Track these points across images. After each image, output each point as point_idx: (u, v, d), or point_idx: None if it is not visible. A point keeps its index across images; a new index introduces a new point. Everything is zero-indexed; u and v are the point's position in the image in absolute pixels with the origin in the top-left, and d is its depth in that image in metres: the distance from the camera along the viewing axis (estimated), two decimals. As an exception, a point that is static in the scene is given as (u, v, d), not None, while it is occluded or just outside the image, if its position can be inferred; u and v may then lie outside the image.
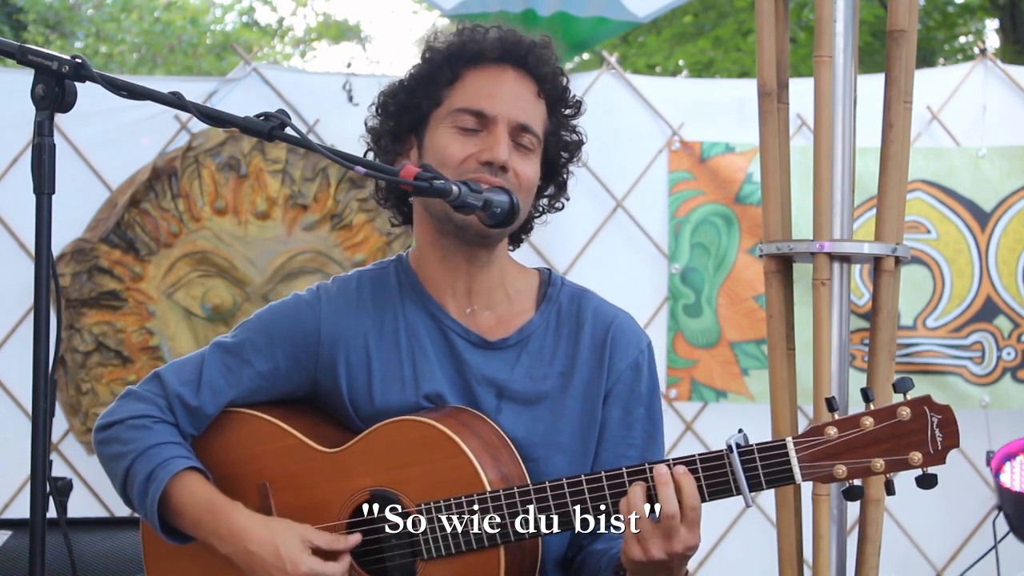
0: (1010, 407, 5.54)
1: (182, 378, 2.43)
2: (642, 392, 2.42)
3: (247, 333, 2.45)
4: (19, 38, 13.64)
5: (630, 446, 2.39)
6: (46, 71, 1.97)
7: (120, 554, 3.71)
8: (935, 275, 5.58)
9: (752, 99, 2.89)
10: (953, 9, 13.33)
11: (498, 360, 2.39)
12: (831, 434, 2.06)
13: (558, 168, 2.46)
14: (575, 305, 2.44)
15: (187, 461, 2.36)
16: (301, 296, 2.45)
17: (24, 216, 5.00)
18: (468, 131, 2.34)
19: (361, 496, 2.30)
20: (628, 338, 2.42)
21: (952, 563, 5.52)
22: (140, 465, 2.35)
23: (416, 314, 2.41)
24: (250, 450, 2.40)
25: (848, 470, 2.06)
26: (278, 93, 5.53)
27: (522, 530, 2.21)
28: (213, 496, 2.34)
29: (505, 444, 2.32)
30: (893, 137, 2.79)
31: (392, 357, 2.39)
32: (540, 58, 2.38)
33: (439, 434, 2.25)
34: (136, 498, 2.37)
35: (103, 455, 2.43)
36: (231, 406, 2.43)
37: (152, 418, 2.40)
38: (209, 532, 2.32)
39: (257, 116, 2.12)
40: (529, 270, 2.51)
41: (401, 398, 2.36)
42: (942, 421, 2.05)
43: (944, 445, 2.05)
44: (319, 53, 19.56)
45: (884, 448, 2.05)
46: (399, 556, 2.28)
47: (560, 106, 2.42)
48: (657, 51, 13.02)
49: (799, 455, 2.08)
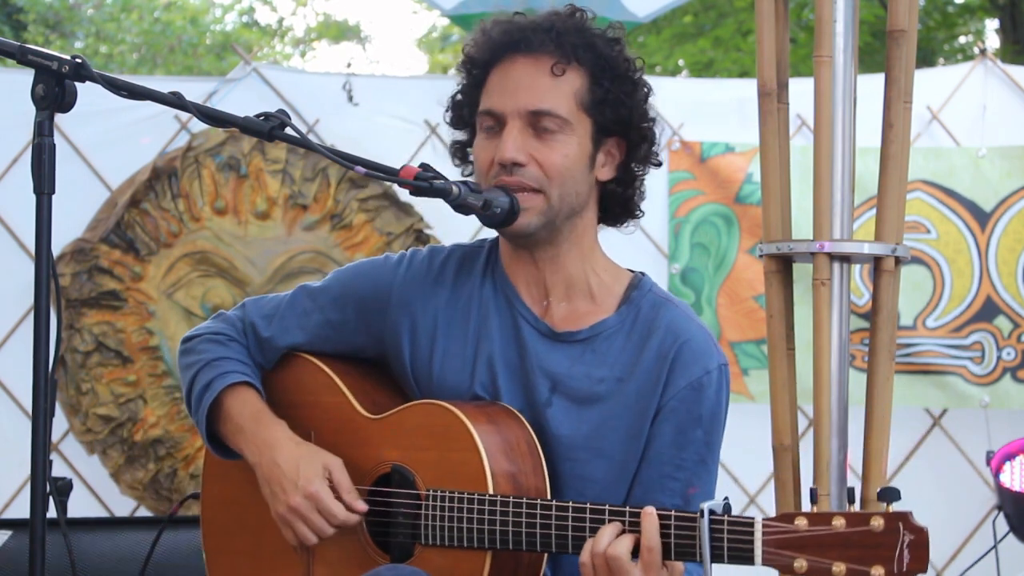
0: (1010, 407, 5.53)
1: (262, 311, 2.52)
2: (702, 415, 2.34)
3: (331, 282, 2.51)
4: (19, 38, 13.63)
5: (678, 467, 2.33)
6: (46, 71, 1.98)
7: (120, 554, 3.70)
8: (935, 275, 5.58)
9: (752, 99, 2.89)
10: (953, 9, 13.33)
11: (561, 353, 2.36)
12: (800, 525, 1.98)
13: (633, 127, 2.37)
14: (653, 313, 2.38)
15: (247, 376, 2.44)
16: (391, 257, 2.49)
17: (24, 216, 5.00)
18: (490, 133, 2.34)
19: (384, 467, 2.34)
20: (695, 356, 2.34)
21: (952, 563, 5.52)
22: (204, 374, 2.45)
23: (492, 295, 2.41)
24: (305, 397, 2.48)
25: (808, 566, 1.97)
26: (278, 93, 5.53)
27: (508, 541, 2.20)
28: (263, 410, 2.42)
29: (533, 453, 2.30)
30: (893, 137, 2.78)
31: (458, 334, 2.40)
32: (548, 34, 2.31)
33: (461, 426, 2.26)
34: (194, 403, 2.46)
35: (180, 365, 2.54)
36: (300, 349, 2.50)
37: (227, 336, 2.50)
38: (247, 439, 2.38)
39: (257, 116, 2.13)
40: (622, 270, 2.47)
41: (459, 376, 2.38)
42: (914, 542, 1.93)
43: (910, 568, 1.93)
44: (319, 53, 19.58)
45: (849, 554, 1.95)
46: (402, 535, 2.30)
47: (603, 69, 2.33)
48: (657, 51, 13.01)
49: (764, 538, 2.01)
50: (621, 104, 2.34)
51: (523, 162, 2.28)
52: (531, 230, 2.32)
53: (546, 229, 2.33)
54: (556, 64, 2.30)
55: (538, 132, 2.29)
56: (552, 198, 2.31)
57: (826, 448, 2.66)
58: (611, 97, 2.33)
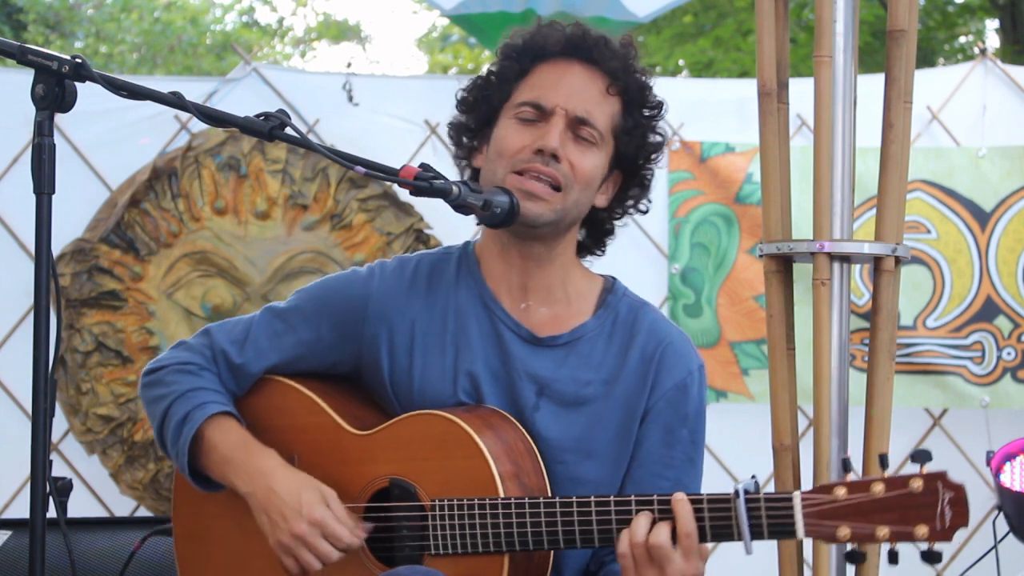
0: (1010, 407, 5.53)
1: (230, 336, 2.47)
2: (688, 414, 2.40)
3: (299, 300, 2.48)
4: (19, 38, 13.64)
5: (667, 466, 2.38)
6: (46, 71, 1.98)
7: (120, 554, 3.70)
8: (935, 275, 5.58)
9: (752, 99, 2.89)
10: (953, 9, 13.33)
11: (545, 357, 2.38)
12: (840, 495, 2.03)
13: (637, 168, 2.45)
14: (632, 316, 2.42)
15: (225, 406, 2.40)
16: (359, 271, 2.47)
17: (24, 216, 5.00)
18: (527, 122, 2.35)
19: (381, 483, 2.32)
20: (679, 358, 2.40)
21: (952, 563, 5.52)
22: (178, 406, 2.40)
23: (469, 302, 2.41)
24: (285, 420, 2.43)
25: (852, 533, 2.02)
26: (278, 93, 5.53)
27: (527, 541, 2.21)
28: (248, 438, 2.38)
29: (531, 452, 2.32)
30: (893, 137, 2.78)
31: (436, 343, 2.39)
32: (610, 53, 2.38)
33: (462, 432, 2.26)
34: (170, 437, 2.40)
35: (146, 398, 2.48)
36: (274, 371, 2.46)
37: (197, 365, 2.44)
38: (237, 469, 2.34)
39: (257, 116, 2.13)
40: (594, 275, 2.50)
41: (440, 385, 2.37)
42: (954, 499, 2.01)
43: (952, 523, 2.01)
44: (319, 53, 19.57)
45: (891, 517, 2.01)
46: (408, 547, 2.28)
47: (637, 105, 2.41)
48: (657, 51, 13.02)
49: (805, 511, 2.05)
50: (642, 139, 2.42)
51: (562, 157, 2.31)
52: (540, 222, 2.34)
53: (551, 227, 2.36)
54: (611, 85, 2.38)
55: (576, 138, 2.35)
56: (569, 200, 2.35)
57: (826, 448, 2.67)
58: (636, 131, 2.40)
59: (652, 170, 2.47)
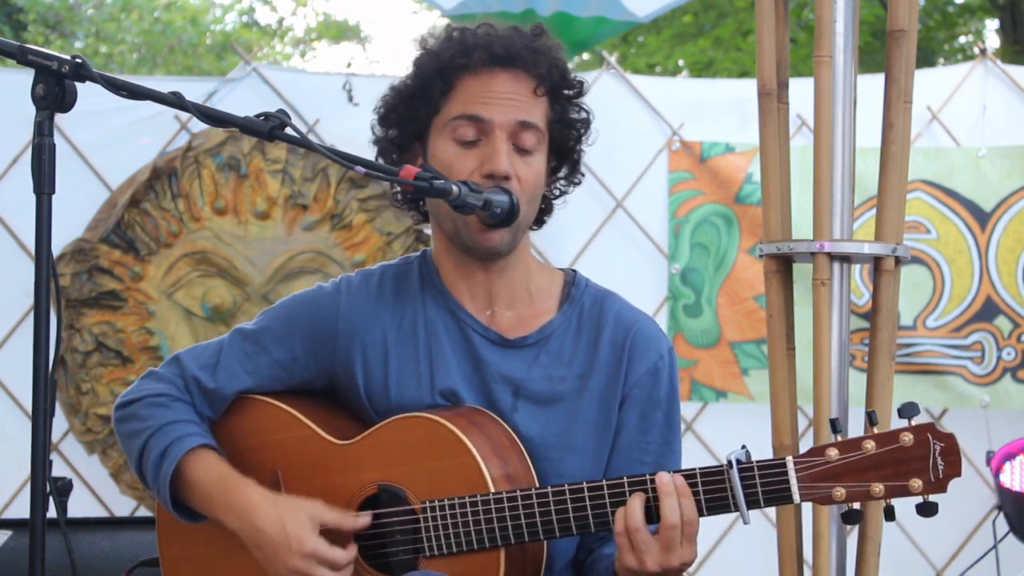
0: (1010, 407, 5.53)
1: (200, 361, 2.44)
2: (660, 398, 2.40)
3: (268, 321, 2.46)
4: (19, 38, 13.64)
5: (645, 451, 2.38)
6: (46, 71, 1.97)
7: (120, 554, 3.70)
8: (935, 275, 5.58)
9: (752, 99, 2.89)
10: (953, 9, 13.34)
11: (516, 359, 2.38)
12: (832, 455, 2.05)
13: (568, 148, 2.44)
14: (597, 307, 2.42)
15: (202, 438, 2.37)
16: (324, 287, 2.45)
17: (24, 216, 4.99)
18: (468, 144, 2.33)
19: (369, 489, 2.31)
20: (648, 343, 2.40)
21: (952, 563, 5.52)
22: (156, 441, 2.36)
23: (436, 311, 2.40)
24: (264, 438, 2.41)
25: (847, 493, 2.04)
26: (278, 93, 5.53)
27: (522, 533, 2.21)
28: (226, 472, 2.34)
29: (515, 446, 2.32)
30: (893, 137, 2.79)
31: (409, 353, 2.39)
32: (534, 56, 2.36)
33: (447, 432, 2.25)
34: (150, 473, 2.37)
35: (121, 433, 2.44)
36: (248, 393, 2.43)
37: (170, 396, 2.41)
38: (220, 506, 2.32)
39: (257, 116, 2.12)
40: (553, 270, 2.50)
41: (416, 394, 2.36)
42: (945, 449, 2.04)
43: (946, 474, 2.04)
44: (319, 53, 19.57)
45: (884, 473, 2.03)
46: (403, 551, 2.28)
47: (561, 91, 2.39)
48: (657, 51, 13.02)
49: (799, 475, 2.07)
50: (571, 122, 2.41)
51: (511, 176, 2.30)
52: (504, 250, 2.35)
53: (512, 245, 2.36)
54: (538, 86, 2.35)
55: (519, 150, 2.33)
56: (523, 215, 2.33)
57: (826, 448, 2.66)
58: (565, 116, 2.40)
59: (581, 148, 2.45)
